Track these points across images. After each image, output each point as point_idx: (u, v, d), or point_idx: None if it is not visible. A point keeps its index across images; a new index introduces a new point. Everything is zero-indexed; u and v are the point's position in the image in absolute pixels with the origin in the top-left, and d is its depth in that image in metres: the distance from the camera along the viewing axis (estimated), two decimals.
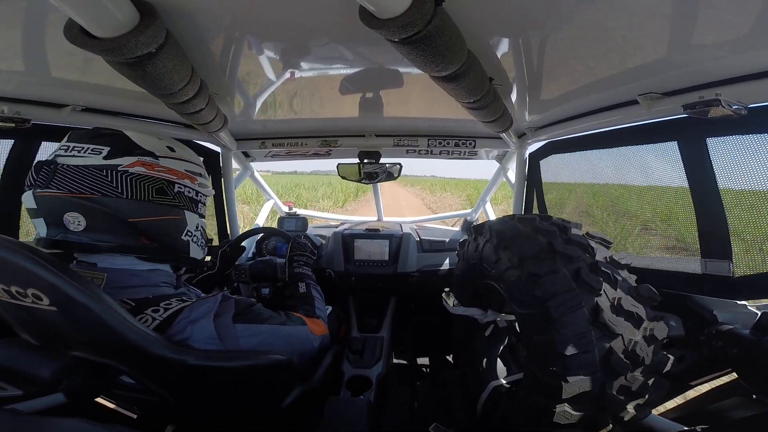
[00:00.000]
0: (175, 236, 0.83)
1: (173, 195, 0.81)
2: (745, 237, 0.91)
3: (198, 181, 0.88)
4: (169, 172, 0.80)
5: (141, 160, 0.76)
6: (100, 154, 0.73)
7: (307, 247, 1.39)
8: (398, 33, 0.56)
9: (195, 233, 0.88)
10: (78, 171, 0.71)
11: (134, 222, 0.76)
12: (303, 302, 1.10)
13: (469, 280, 1.13)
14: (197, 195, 0.88)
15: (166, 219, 0.80)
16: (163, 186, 0.79)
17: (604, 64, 0.84)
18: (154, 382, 0.71)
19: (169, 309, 0.73)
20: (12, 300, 0.60)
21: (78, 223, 0.72)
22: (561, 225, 0.85)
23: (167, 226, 0.81)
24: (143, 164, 0.76)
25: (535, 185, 1.64)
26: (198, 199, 0.88)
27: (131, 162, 0.75)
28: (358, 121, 1.49)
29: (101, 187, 0.72)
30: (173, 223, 0.82)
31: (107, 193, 0.72)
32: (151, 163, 0.78)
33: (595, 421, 0.73)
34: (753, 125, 0.85)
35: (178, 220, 0.83)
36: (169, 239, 0.82)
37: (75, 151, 0.73)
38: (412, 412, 1.39)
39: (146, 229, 0.78)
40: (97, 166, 0.72)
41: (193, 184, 0.86)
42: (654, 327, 0.72)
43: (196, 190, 0.87)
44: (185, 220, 0.84)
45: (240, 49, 0.84)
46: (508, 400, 0.95)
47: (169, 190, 0.80)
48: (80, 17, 0.55)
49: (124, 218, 0.74)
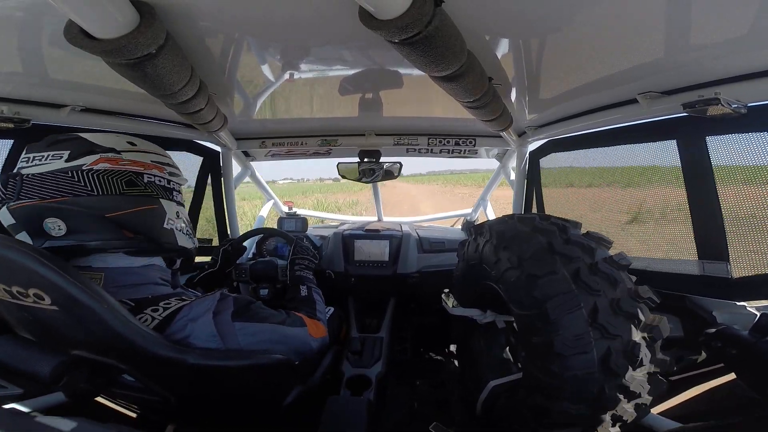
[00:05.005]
0: (157, 226, 0.83)
1: (144, 185, 0.81)
2: (744, 237, 0.91)
3: (167, 170, 0.87)
4: (135, 164, 0.80)
5: (103, 156, 0.76)
6: (62, 158, 0.73)
7: (309, 251, 1.39)
8: (398, 34, 0.56)
9: (177, 221, 0.87)
10: (44, 178, 0.71)
11: (112, 217, 0.75)
12: (305, 305, 1.10)
13: (469, 282, 1.13)
14: (169, 183, 0.87)
15: (142, 209, 0.80)
16: (132, 177, 0.79)
17: (604, 63, 0.84)
18: (154, 381, 0.71)
19: (168, 308, 0.74)
20: (13, 300, 0.60)
21: (59, 228, 0.72)
22: (560, 225, 0.85)
23: (146, 217, 0.81)
24: (107, 160, 0.76)
25: (535, 184, 1.64)
26: (171, 187, 0.87)
27: (94, 160, 0.75)
28: (358, 120, 1.49)
29: (70, 188, 0.72)
30: (151, 212, 0.82)
31: (78, 193, 0.72)
32: (114, 158, 0.77)
33: (595, 421, 0.73)
34: (752, 124, 0.84)
35: (155, 210, 0.82)
36: (152, 230, 0.82)
37: (36, 160, 0.73)
38: (412, 411, 1.39)
39: (125, 222, 0.77)
40: (61, 170, 0.72)
41: (162, 173, 0.85)
42: (653, 328, 0.72)
43: (167, 179, 0.87)
44: (163, 208, 0.84)
45: (239, 50, 0.84)
46: (508, 400, 0.95)
47: (138, 180, 0.80)
48: (80, 18, 0.55)
49: (101, 215, 0.74)
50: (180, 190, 0.92)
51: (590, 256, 0.78)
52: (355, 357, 1.43)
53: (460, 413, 1.35)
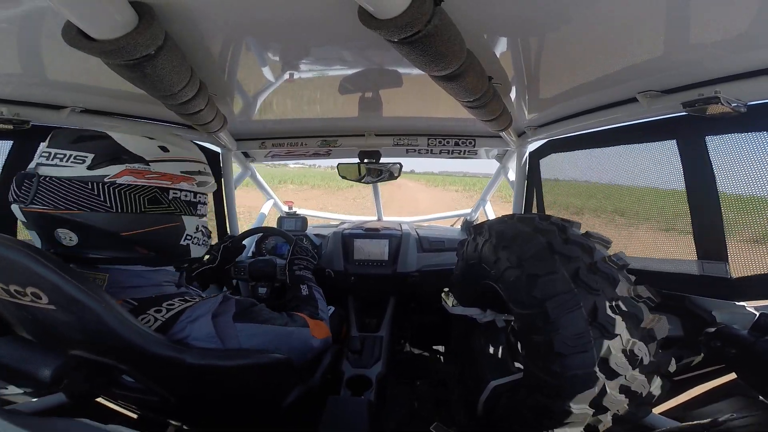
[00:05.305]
0: (174, 243, 0.80)
1: (168, 202, 0.76)
2: (744, 237, 0.91)
3: (197, 180, 0.82)
4: (163, 177, 0.75)
5: (129, 167, 0.71)
6: (84, 163, 0.68)
7: (309, 251, 1.39)
8: (397, 33, 0.56)
9: (195, 235, 0.84)
10: (61, 184, 0.67)
11: (128, 236, 0.72)
12: (307, 303, 1.09)
13: (468, 281, 1.13)
14: (196, 196, 0.83)
15: (162, 228, 0.76)
16: (156, 195, 0.74)
17: (604, 62, 0.83)
18: (154, 381, 0.71)
19: (171, 309, 0.73)
20: (11, 299, 0.60)
21: (70, 239, 0.69)
22: (560, 224, 0.85)
23: (164, 235, 0.77)
24: (132, 172, 0.71)
25: (535, 184, 1.64)
26: (197, 201, 0.84)
27: (118, 171, 0.70)
28: (358, 120, 1.49)
29: (88, 202, 0.67)
30: (170, 230, 0.78)
31: (95, 208, 0.68)
32: (141, 170, 0.72)
33: (596, 421, 0.73)
34: (752, 123, 0.84)
35: (175, 227, 0.79)
36: (168, 247, 0.79)
37: (57, 159, 0.68)
38: (412, 411, 1.39)
39: (141, 240, 0.74)
40: (81, 179, 0.67)
41: (191, 185, 0.81)
42: (653, 327, 0.72)
43: (195, 192, 0.82)
44: (183, 225, 0.80)
45: (239, 50, 0.84)
46: (508, 399, 0.95)
47: (163, 197, 0.75)
48: (77, 19, 0.55)
49: (116, 233, 0.71)
50: (206, 201, 0.88)
51: (590, 256, 0.78)
52: (355, 357, 1.43)
53: (460, 413, 1.35)
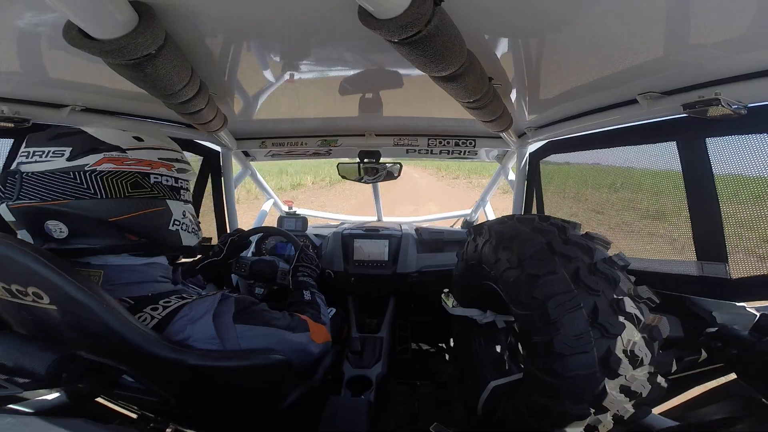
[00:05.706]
0: (163, 228, 0.81)
1: (150, 186, 0.77)
2: (744, 238, 0.91)
3: (176, 166, 0.83)
4: (140, 163, 0.76)
5: (107, 156, 0.72)
6: (63, 156, 0.70)
7: (314, 260, 1.38)
8: (397, 33, 0.56)
9: (183, 221, 0.85)
10: (44, 177, 0.68)
11: (115, 221, 0.73)
12: (308, 307, 1.09)
13: (468, 281, 1.13)
14: (177, 182, 0.84)
15: (148, 212, 0.77)
16: (138, 179, 0.75)
17: (604, 64, 0.83)
18: (154, 382, 0.71)
19: (168, 307, 0.73)
20: (12, 299, 0.60)
21: (60, 231, 0.70)
22: (560, 225, 0.85)
23: (151, 220, 0.78)
24: (110, 160, 0.73)
25: (535, 185, 1.64)
26: (179, 186, 0.84)
27: (97, 160, 0.71)
28: (358, 120, 1.49)
29: (72, 190, 0.69)
30: (157, 215, 0.79)
31: (80, 196, 0.69)
32: (119, 157, 0.74)
33: (596, 421, 0.73)
34: (752, 125, 0.84)
35: (161, 212, 0.80)
36: (157, 232, 0.80)
37: (36, 156, 0.69)
38: (412, 412, 1.39)
39: (130, 225, 0.75)
40: (62, 170, 0.69)
41: (171, 171, 0.82)
42: (653, 328, 0.72)
43: (175, 177, 0.83)
44: (169, 210, 0.81)
45: (239, 50, 0.84)
46: (508, 400, 0.95)
47: (144, 182, 0.76)
48: (78, 19, 0.55)
49: (104, 219, 0.72)
50: (188, 187, 0.89)
51: (589, 257, 0.78)
52: (356, 357, 1.43)
53: (460, 413, 1.35)
